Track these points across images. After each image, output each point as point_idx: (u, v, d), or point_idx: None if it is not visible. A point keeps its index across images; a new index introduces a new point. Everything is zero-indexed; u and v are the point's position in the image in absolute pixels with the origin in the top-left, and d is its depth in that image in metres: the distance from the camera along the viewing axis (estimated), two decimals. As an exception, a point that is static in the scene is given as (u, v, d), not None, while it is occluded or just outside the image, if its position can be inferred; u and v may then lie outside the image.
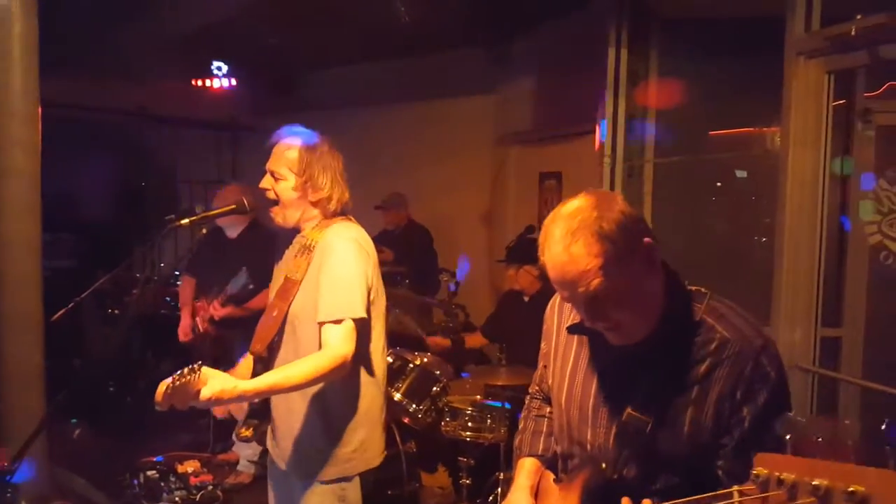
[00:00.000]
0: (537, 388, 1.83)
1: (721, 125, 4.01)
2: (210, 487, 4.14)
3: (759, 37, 3.37)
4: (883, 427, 2.28)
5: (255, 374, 2.23)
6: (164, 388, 1.74)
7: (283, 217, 2.27)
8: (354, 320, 2.09)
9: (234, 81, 6.89)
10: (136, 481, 4.11)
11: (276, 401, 2.27)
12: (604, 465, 1.45)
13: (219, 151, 7.86)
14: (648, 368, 1.40)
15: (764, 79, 3.30)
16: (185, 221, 2.28)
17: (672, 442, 1.38)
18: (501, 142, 6.16)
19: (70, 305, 2.50)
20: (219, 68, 6.86)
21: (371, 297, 2.19)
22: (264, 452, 4.40)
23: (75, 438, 3.75)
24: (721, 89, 3.75)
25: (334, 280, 2.11)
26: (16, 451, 1.78)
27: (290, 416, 2.23)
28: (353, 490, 2.26)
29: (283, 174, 2.21)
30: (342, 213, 2.30)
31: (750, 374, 1.34)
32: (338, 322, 2.07)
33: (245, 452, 4.44)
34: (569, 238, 1.30)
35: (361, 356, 2.15)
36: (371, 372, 2.25)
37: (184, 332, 4.34)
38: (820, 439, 1.13)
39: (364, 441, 2.25)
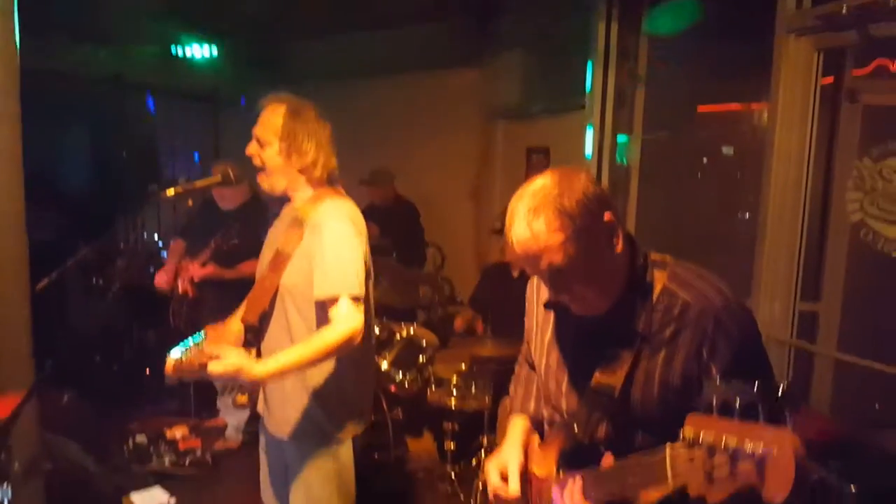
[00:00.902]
0: (524, 359, 1.89)
1: (709, 101, 4.05)
2: (198, 453, 4.17)
3: (749, 13, 3.41)
4: (780, 391, 2.35)
5: (245, 342, 2.26)
6: (174, 361, 1.76)
7: (269, 184, 2.27)
8: (356, 297, 2.11)
9: (215, 51, 6.78)
10: (125, 446, 4.14)
11: None
12: (576, 429, 1.51)
13: (201, 122, 7.75)
14: (614, 336, 1.46)
15: (753, 55, 3.34)
16: (170, 192, 2.27)
17: (643, 405, 1.44)
18: (489, 116, 6.15)
19: (54, 275, 2.47)
20: (200, 38, 6.74)
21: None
22: (252, 418, 4.47)
23: (64, 405, 3.75)
24: (710, 65, 3.78)
25: (332, 258, 2.12)
26: (5, 419, 1.78)
27: (283, 384, 2.26)
28: (346, 452, 2.32)
29: (268, 139, 2.21)
30: (329, 181, 2.30)
31: (712, 332, 1.37)
32: (335, 299, 2.09)
33: (232, 419, 4.47)
34: (531, 215, 1.35)
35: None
36: (362, 343, 2.29)
37: (162, 279, 4.35)
38: (740, 401, 1.18)
39: (354, 407, 2.31)
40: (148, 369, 5.43)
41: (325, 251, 2.13)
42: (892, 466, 2.38)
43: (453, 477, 3.85)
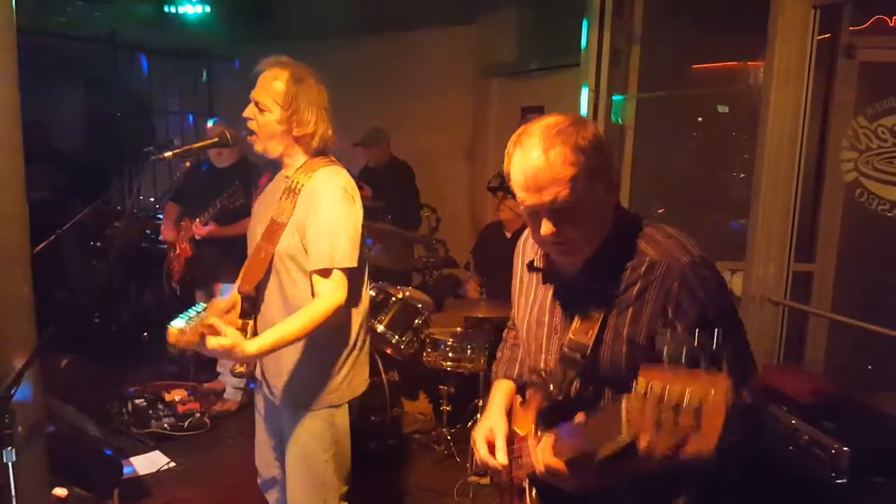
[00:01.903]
0: (512, 321, 1.91)
1: (705, 59, 3.99)
2: (197, 415, 4.23)
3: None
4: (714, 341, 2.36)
5: (242, 312, 2.28)
6: (176, 331, 1.80)
7: (263, 147, 2.24)
8: (346, 269, 2.12)
9: (208, 9, 6.66)
10: (124, 409, 4.20)
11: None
12: (552, 388, 1.54)
13: (194, 82, 7.67)
14: (587, 296, 1.48)
15: (749, 13, 3.27)
16: (168, 154, 2.26)
17: (612, 363, 1.46)
18: (483, 74, 6.07)
19: (52, 237, 2.50)
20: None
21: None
22: (250, 382, 4.52)
23: (63, 368, 3.79)
24: (706, 22, 3.71)
25: (325, 230, 2.12)
26: (9, 381, 1.82)
27: (281, 351, 2.28)
28: (342, 416, 2.34)
29: (268, 105, 2.17)
30: (323, 151, 2.27)
31: (677, 291, 1.38)
32: (328, 271, 2.11)
33: (231, 381, 4.53)
34: (547, 144, 1.35)
35: (350, 297, 2.19)
36: (357, 308, 2.30)
37: (167, 233, 4.54)
38: (686, 351, 1.19)
39: (351, 371, 2.32)
40: (146, 332, 5.48)
41: (320, 223, 2.12)
42: (886, 426, 2.41)
43: (449, 438, 3.91)
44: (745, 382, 1.39)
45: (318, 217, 2.13)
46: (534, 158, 1.35)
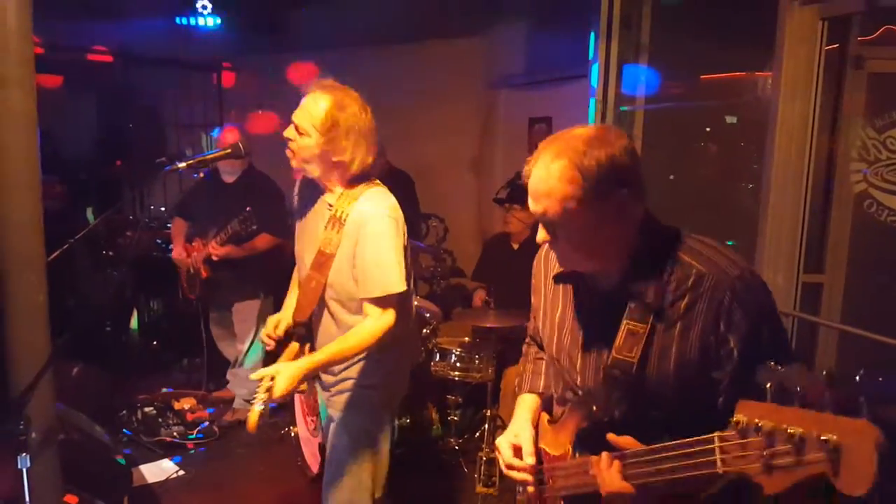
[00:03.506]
0: (531, 338, 1.90)
1: (713, 69, 4.00)
2: (207, 423, 4.25)
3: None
4: (857, 378, 2.32)
5: (297, 336, 2.38)
6: (257, 416, 2.01)
7: (299, 164, 2.27)
8: (394, 295, 2.19)
9: (218, 21, 6.74)
10: (134, 417, 4.22)
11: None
12: (594, 408, 1.48)
13: (205, 93, 7.73)
14: (629, 311, 1.43)
15: (758, 23, 3.29)
16: (181, 165, 2.29)
17: (659, 380, 1.41)
18: (491, 85, 6.10)
19: (65, 246, 2.53)
20: (203, 7, 6.69)
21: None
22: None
23: (74, 376, 3.81)
24: (715, 33, 3.72)
25: (374, 258, 2.18)
26: (24, 388, 1.84)
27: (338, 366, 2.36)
28: (386, 430, 2.46)
29: (307, 129, 2.18)
30: (363, 177, 2.29)
31: (728, 304, 1.35)
32: (380, 299, 2.18)
33: (241, 391, 4.54)
34: (553, 157, 1.35)
35: (400, 315, 2.26)
36: (406, 326, 2.39)
37: (178, 253, 4.47)
38: (798, 388, 1.16)
39: (395, 373, 2.44)
40: (156, 341, 5.51)
41: (369, 252, 2.18)
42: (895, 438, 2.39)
43: (457, 449, 3.91)
44: None
45: (366, 246, 2.19)
46: (538, 167, 1.37)
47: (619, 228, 1.40)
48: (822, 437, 0.93)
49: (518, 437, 1.66)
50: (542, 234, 1.44)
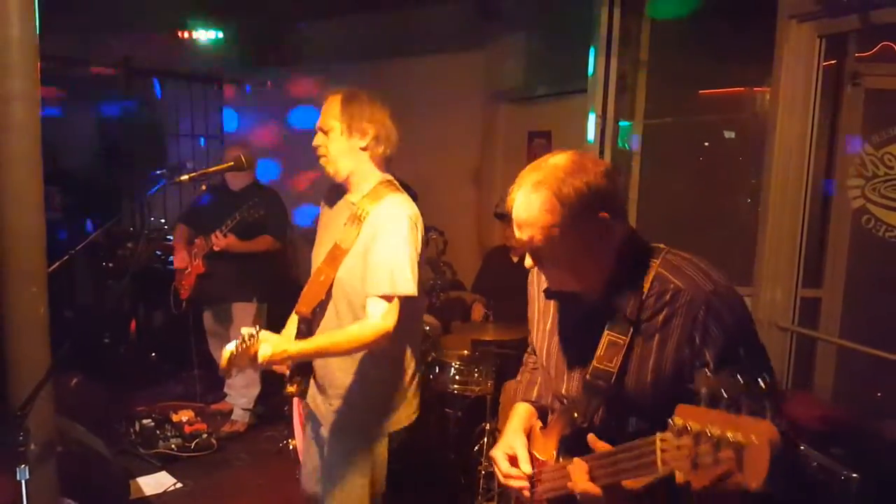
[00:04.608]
0: (532, 348, 1.92)
1: (712, 85, 4.03)
2: (205, 436, 4.24)
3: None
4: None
5: (298, 332, 2.37)
6: (229, 354, 1.86)
7: (334, 168, 2.31)
8: (404, 297, 2.17)
9: (220, 34, 6.78)
10: (131, 429, 4.20)
11: (326, 362, 2.37)
12: (575, 415, 1.54)
13: (206, 105, 7.76)
14: (612, 324, 1.49)
15: (756, 38, 3.32)
16: (184, 178, 2.31)
17: (637, 390, 1.47)
18: (490, 99, 6.12)
19: (65, 258, 2.53)
20: (206, 20, 6.74)
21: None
22: (258, 402, 4.53)
23: (73, 388, 3.81)
24: (713, 48, 3.76)
25: (388, 256, 2.17)
26: (24, 399, 1.84)
27: (335, 377, 2.34)
28: (382, 445, 2.40)
29: (330, 125, 2.27)
30: (388, 162, 2.37)
31: (703, 318, 1.40)
32: (387, 297, 2.15)
33: (239, 402, 4.53)
34: (532, 187, 1.42)
35: (408, 329, 2.25)
36: (414, 343, 2.38)
37: (180, 261, 4.48)
38: (726, 395, 1.21)
39: (401, 404, 2.39)
40: (154, 353, 5.50)
41: (383, 249, 2.18)
42: (895, 453, 2.40)
43: (456, 462, 3.89)
44: (779, 421, 1.39)
45: (382, 243, 2.19)
46: (519, 198, 1.43)
47: (602, 248, 1.47)
48: (731, 437, 1.01)
49: (512, 447, 1.69)
50: (528, 261, 1.51)
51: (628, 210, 1.49)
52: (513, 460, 1.67)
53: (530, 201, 1.41)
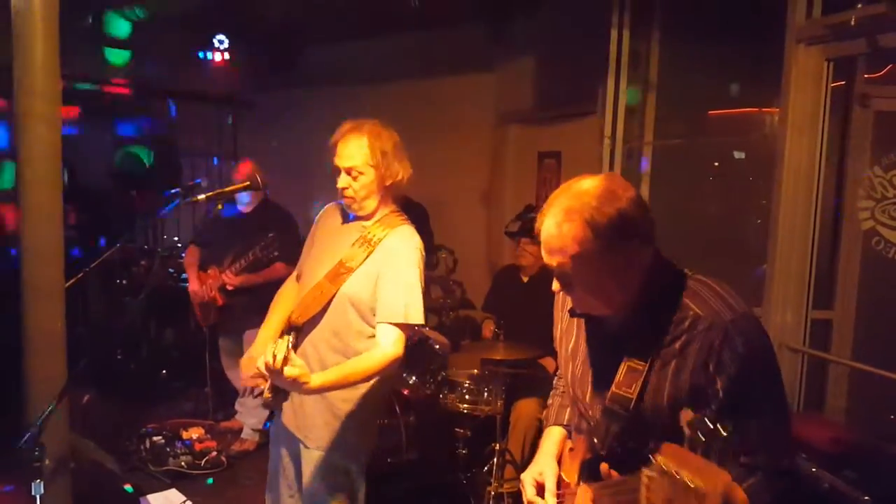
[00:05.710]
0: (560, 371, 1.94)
1: (721, 106, 4.05)
2: (214, 453, 4.24)
3: (760, 18, 3.41)
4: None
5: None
6: (263, 363, 1.90)
7: (360, 206, 2.35)
8: (413, 326, 2.22)
9: (234, 56, 6.89)
10: (142, 446, 4.22)
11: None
12: (595, 440, 1.54)
13: (219, 126, 7.86)
14: (631, 348, 1.49)
15: (765, 60, 3.34)
16: (200, 197, 2.34)
17: (654, 416, 1.46)
18: (501, 120, 6.16)
19: (80, 274, 2.57)
20: (220, 42, 6.85)
21: None
22: (268, 420, 4.52)
23: (85, 405, 3.83)
24: (722, 70, 3.78)
25: (403, 285, 2.23)
26: (40, 415, 1.86)
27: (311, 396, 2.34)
28: (357, 464, 2.40)
29: (362, 169, 2.28)
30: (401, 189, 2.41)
31: (719, 347, 1.39)
32: (398, 325, 2.20)
33: (250, 421, 4.54)
34: (563, 215, 1.41)
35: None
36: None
37: (195, 287, 4.47)
38: (704, 437, 1.23)
39: (371, 427, 2.43)
40: (165, 370, 5.52)
41: (398, 278, 2.24)
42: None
43: (465, 483, 3.88)
44: (780, 455, 1.40)
45: (396, 272, 2.24)
46: (549, 224, 1.43)
47: (629, 274, 1.46)
48: (693, 485, 1.04)
49: (542, 475, 1.69)
50: (555, 284, 1.51)
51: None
52: (540, 488, 1.67)
53: (561, 228, 1.41)
